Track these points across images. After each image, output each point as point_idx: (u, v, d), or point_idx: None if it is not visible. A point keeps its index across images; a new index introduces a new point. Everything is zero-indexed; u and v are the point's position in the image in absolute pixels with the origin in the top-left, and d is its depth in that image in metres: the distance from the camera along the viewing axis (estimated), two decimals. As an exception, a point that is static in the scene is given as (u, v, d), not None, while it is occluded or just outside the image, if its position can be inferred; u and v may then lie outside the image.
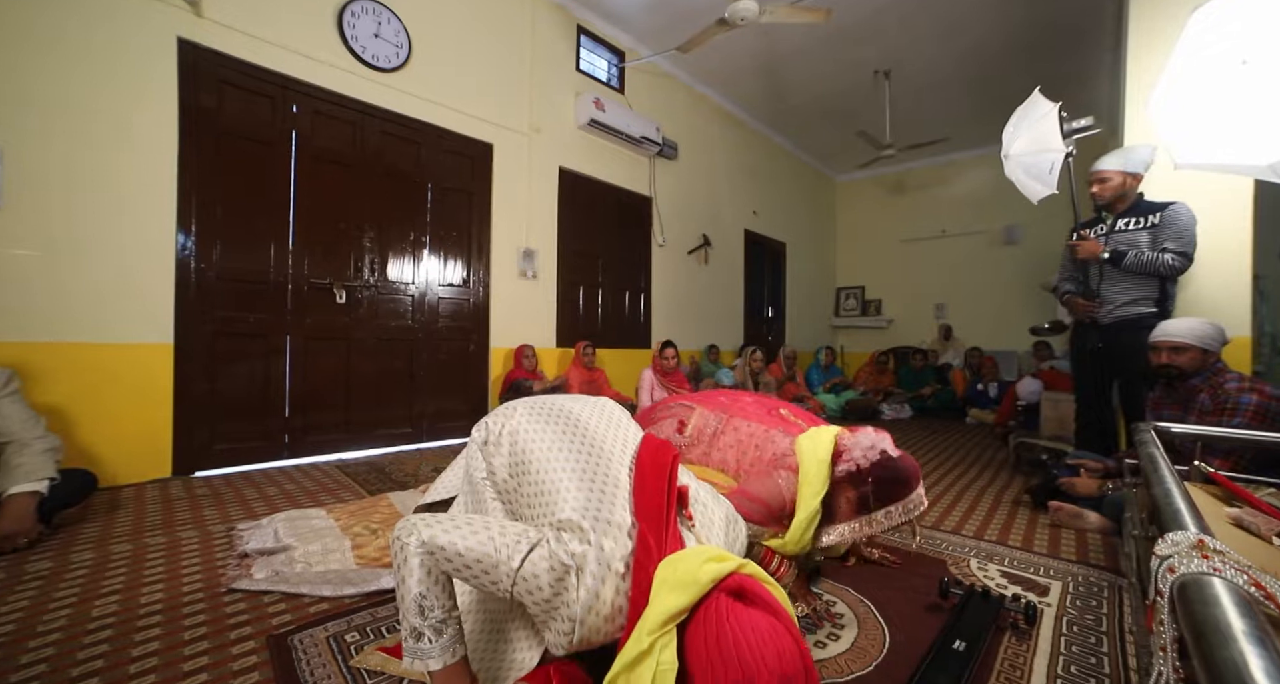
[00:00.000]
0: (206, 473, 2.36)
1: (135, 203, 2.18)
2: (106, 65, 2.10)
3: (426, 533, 0.77)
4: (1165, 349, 1.84)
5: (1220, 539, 0.74)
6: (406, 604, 0.78)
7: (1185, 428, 1.55)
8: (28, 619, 1.10)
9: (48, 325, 1.98)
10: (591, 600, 0.73)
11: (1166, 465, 0.97)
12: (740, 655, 0.65)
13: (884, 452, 1.18)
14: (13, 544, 1.41)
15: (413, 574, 0.78)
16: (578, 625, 0.73)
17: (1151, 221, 2.06)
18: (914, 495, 1.17)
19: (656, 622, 0.68)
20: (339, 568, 1.34)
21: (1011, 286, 6.08)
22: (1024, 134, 2.12)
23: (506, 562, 0.74)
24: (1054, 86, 4.73)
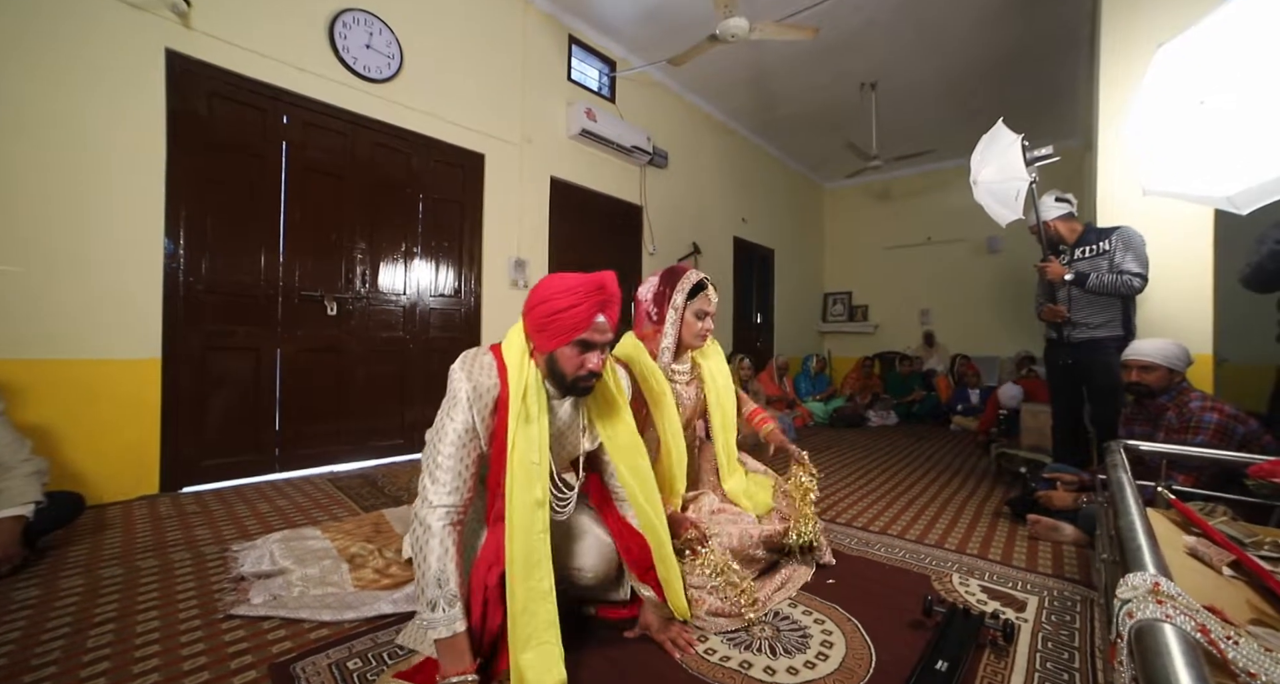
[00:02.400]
0: (195, 488, 2.34)
1: (122, 216, 2.15)
2: (94, 78, 2.07)
3: (429, 502, 0.97)
4: (1135, 367, 1.93)
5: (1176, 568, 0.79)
6: (428, 578, 0.93)
7: (1153, 446, 1.63)
8: (20, 652, 1.10)
9: (32, 342, 1.95)
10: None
11: (1133, 494, 1.03)
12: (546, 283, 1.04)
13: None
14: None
15: (434, 552, 0.94)
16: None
17: (1104, 247, 2.19)
18: (691, 270, 1.47)
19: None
20: (337, 591, 1.36)
21: (993, 295, 6.23)
22: (990, 162, 2.22)
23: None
24: (1036, 99, 4.91)
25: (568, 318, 1.01)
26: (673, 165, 4.86)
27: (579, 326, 1.01)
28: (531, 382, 1.04)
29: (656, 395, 1.40)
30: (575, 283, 1.03)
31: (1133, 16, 2.32)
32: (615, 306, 1.07)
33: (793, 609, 1.36)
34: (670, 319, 1.42)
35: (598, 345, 1.04)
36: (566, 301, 1.01)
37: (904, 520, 2.12)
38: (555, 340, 1.03)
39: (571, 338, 1.02)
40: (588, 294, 1.01)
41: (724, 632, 1.24)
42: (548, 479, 1.05)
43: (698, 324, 1.45)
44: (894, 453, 3.59)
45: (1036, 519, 1.94)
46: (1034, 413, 2.89)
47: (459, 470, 1.00)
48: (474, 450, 1.03)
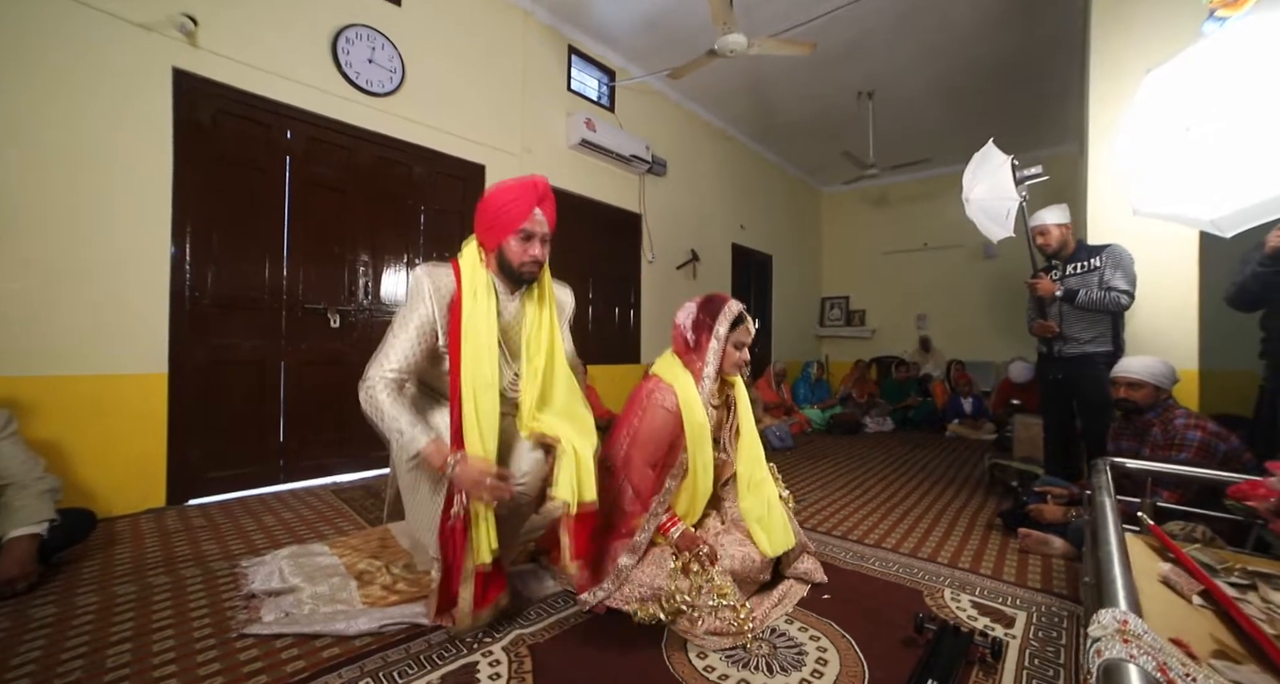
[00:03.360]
0: (201, 500, 2.37)
1: (130, 233, 2.18)
2: (103, 98, 2.10)
3: (376, 371, 1.24)
4: (1123, 384, 1.98)
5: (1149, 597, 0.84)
6: (389, 420, 1.20)
7: (1138, 464, 1.68)
8: (42, 672, 1.13)
9: (41, 359, 1.98)
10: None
11: (1114, 520, 1.07)
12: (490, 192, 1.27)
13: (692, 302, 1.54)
14: (12, 588, 1.43)
15: (385, 403, 1.21)
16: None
17: (1094, 264, 2.24)
18: (731, 301, 1.50)
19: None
20: (346, 608, 1.39)
21: (989, 300, 6.29)
22: (982, 181, 2.28)
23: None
24: (1032, 105, 4.96)
25: (510, 211, 1.25)
26: (671, 173, 4.90)
27: (520, 218, 1.25)
28: (482, 280, 1.29)
29: (697, 429, 1.42)
30: (513, 184, 1.28)
31: (1122, 41, 2.37)
32: (550, 203, 1.31)
33: (789, 626, 1.40)
34: (713, 349, 1.45)
35: (537, 235, 1.29)
36: (508, 198, 1.26)
37: (898, 533, 2.16)
38: (503, 233, 1.27)
39: (515, 228, 1.26)
40: (523, 192, 1.27)
41: (722, 649, 1.28)
42: (498, 360, 1.26)
43: (737, 354, 1.50)
44: (890, 461, 3.63)
45: (1027, 533, 1.99)
46: (1027, 424, 2.94)
47: (408, 354, 1.25)
48: (428, 342, 1.26)
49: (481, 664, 1.19)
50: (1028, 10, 3.61)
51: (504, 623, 1.36)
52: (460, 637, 1.27)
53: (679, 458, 1.45)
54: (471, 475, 1.16)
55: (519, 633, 1.32)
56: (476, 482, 1.15)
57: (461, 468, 1.16)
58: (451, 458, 1.17)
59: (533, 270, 1.31)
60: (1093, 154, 2.47)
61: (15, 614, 1.36)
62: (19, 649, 1.22)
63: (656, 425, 1.41)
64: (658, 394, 1.44)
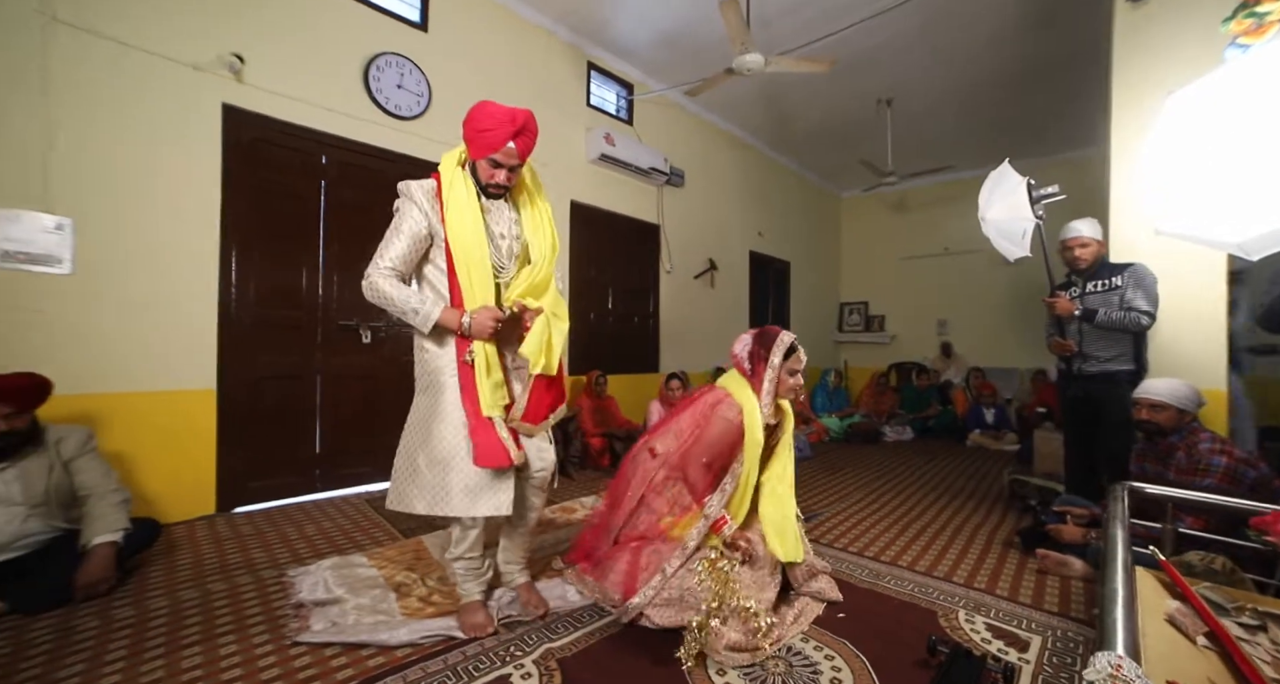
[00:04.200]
0: (246, 508, 2.52)
1: (184, 261, 2.34)
2: (161, 134, 2.27)
3: (373, 268, 1.37)
4: (1145, 406, 1.97)
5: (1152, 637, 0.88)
6: (399, 305, 1.35)
7: (1158, 490, 1.68)
8: (130, 669, 1.28)
9: (113, 378, 2.15)
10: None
11: (1123, 554, 1.10)
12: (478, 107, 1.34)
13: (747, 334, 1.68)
14: (96, 590, 1.59)
15: (391, 288, 1.35)
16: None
17: (1116, 283, 2.22)
18: (782, 333, 1.63)
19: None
20: (387, 619, 1.50)
21: (1011, 306, 6.18)
22: (998, 202, 2.28)
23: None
24: (1054, 111, 4.89)
25: (485, 138, 1.33)
26: (689, 183, 4.95)
27: (493, 147, 1.33)
28: (459, 176, 1.40)
29: (754, 447, 1.56)
30: (496, 112, 1.33)
31: (1144, 64, 2.35)
32: (527, 138, 1.37)
33: (804, 644, 1.45)
34: (769, 377, 1.59)
35: (505, 166, 1.38)
36: (486, 124, 1.32)
37: (914, 550, 2.19)
38: (476, 154, 1.38)
39: (486, 154, 1.35)
40: (501, 124, 1.32)
41: (740, 666, 1.34)
42: (484, 237, 1.38)
43: (790, 380, 1.63)
44: (908, 473, 3.63)
45: (1045, 554, 1.99)
46: (1048, 439, 2.92)
47: (401, 252, 1.37)
48: (421, 246, 1.39)
49: (514, 676, 1.28)
50: (1048, 17, 3.57)
51: (533, 637, 1.45)
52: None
53: (733, 466, 1.58)
54: (483, 321, 1.35)
55: (548, 647, 1.40)
56: (490, 324, 1.36)
57: (474, 319, 1.35)
58: (466, 316, 1.35)
59: (496, 191, 1.43)
60: (1115, 173, 2.45)
61: (101, 614, 1.52)
62: (109, 646, 1.37)
63: (719, 432, 1.55)
64: (724, 406, 1.58)
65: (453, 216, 1.36)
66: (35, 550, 1.61)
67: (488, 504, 1.38)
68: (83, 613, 1.53)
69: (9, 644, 1.38)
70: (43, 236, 1.98)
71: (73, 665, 1.29)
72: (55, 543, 1.64)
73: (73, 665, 1.29)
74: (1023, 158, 5.65)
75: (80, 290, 2.08)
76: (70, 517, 1.70)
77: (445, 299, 1.41)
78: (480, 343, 1.37)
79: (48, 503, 1.63)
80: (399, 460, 1.45)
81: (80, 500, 1.70)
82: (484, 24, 3.46)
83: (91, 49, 2.11)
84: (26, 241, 1.95)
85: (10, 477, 1.58)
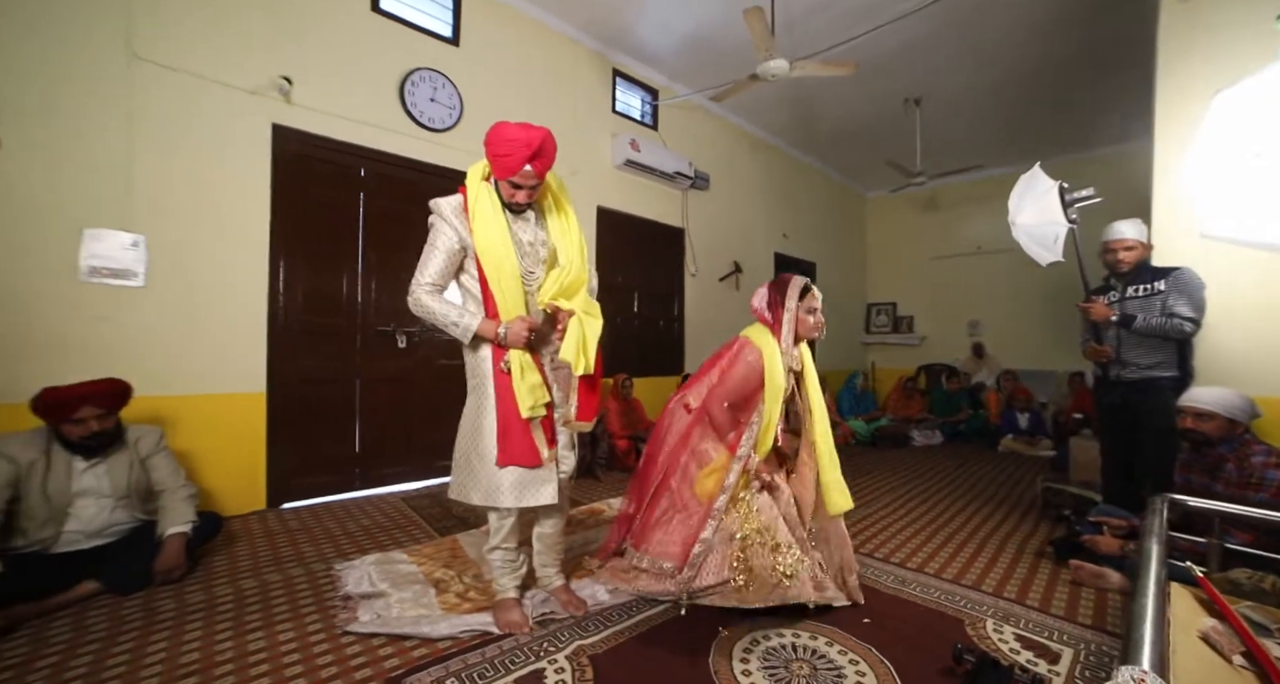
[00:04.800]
0: (293, 504, 2.68)
1: (238, 271, 2.51)
2: (219, 154, 2.44)
3: (416, 284, 1.46)
4: (1190, 414, 1.89)
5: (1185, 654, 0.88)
6: (441, 319, 1.44)
7: (1201, 503, 1.62)
8: (206, 649, 1.41)
9: (175, 381, 2.33)
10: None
11: (1157, 569, 1.09)
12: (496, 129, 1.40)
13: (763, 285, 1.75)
14: (171, 576, 1.75)
15: (433, 302, 1.45)
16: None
17: (1159, 287, 2.13)
18: (796, 276, 1.71)
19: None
20: (427, 613, 1.58)
21: (1048, 307, 5.96)
22: (1028, 206, 2.23)
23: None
24: (1093, 106, 4.71)
25: (503, 162, 1.39)
26: (714, 186, 4.96)
27: (511, 170, 1.39)
28: (485, 190, 1.47)
29: (775, 389, 1.62)
30: (513, 135, 1.37)
31: (1191, 62, 2.26)
32: (544, 160, 1.42)
33: (829, 648, 1.48)
34: (787, 319, 1.68)
35: (524, 187, 1.44)
36: (503, 150, 1.38)
37: (942, 557, 2.17)
38: (497, 174, 1.45)
39: (505, 177, 1.42)
40: (518, 148, 1.36)
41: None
42: (511, 246, 1.45)
43: (810, 319, 1.71)
44: (937, 479, 3.58)
45: (1080, 565, 1.95)
46: (1085, 447, 2.84)
47: (441, 267, 1.46)
48: (456, 259, 1.47)
49: (548, 670, 1.34)
50: (1089, 12, 3.45)
51: (565, 634, 1.51)
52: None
53: (756, 407, 1.65)
54: (518, 331, 1.44)
55: (579, 643, 1.47)
56: (523, 335, 1.44)
57: (509, 329, 1.43)
58: (501, 327, 1.43)
59: (518, 209, 1.51)
60: (1158, 174, 2.37)
61: (177, 598, 1.68)
62: (186, 627, 1.52)
63: (742, 374, 1.63)
64: (746, 350, 1.66)
65: (479, 229, 1.43)
66: (120, 538, 1.79)
67: (534, 496, 1.47)
68: (162, 596, 1.69)
69: (106, 620, 1.56)
70: (121, 252, 2.17)
71: (158, 642, 1.44)
72: (136, 532, 1.81)
73: (158, 642, 1.44)
74: (1057, 156, 5.47)
75: (151, 301, 2.26)
76: (147, 508, 1.87)
77: (482, 305, 1.49)
78: (516, 351, 1.45)
79: (130, 495, 1.81)
80: (457, 455, 1.55)
81: (155, 494, 1.86)
82: (512, 36, 3.56)
83: (164, 80, 2.30)
84: (109, 257, 2.14)
85: (101, 471, 1.76)
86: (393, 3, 3.06)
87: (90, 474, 1.74)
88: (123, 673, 1.31)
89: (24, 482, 1.62)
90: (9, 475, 1.59)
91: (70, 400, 1.67)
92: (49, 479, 1.66)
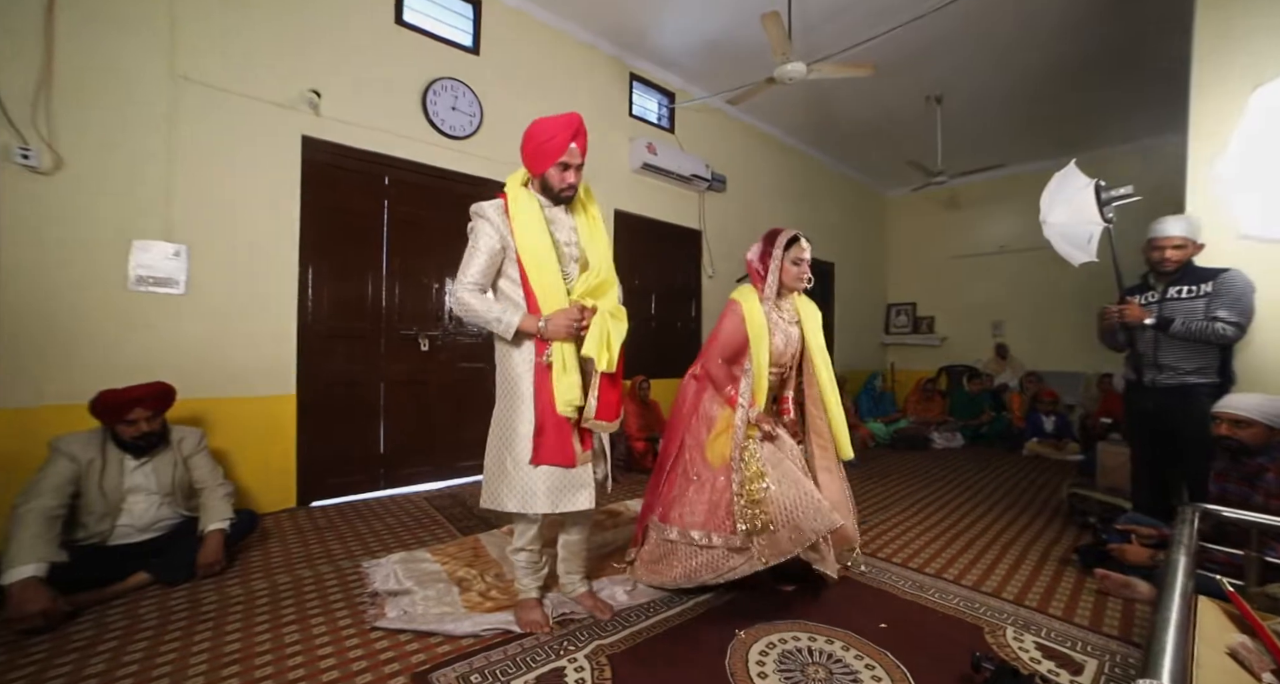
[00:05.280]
0: (321, 503, 2.78)
1: (270, 279, 2.61)
2: (253, 166, 2.54)
3: (458, 285, 1.49)
4: (1226, 421, 1.83)
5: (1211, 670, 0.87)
6: (484, 316, 1.47)
7: (1236, 514, 1.57)
8: (246, 639, 1.49)
9: (213, 384, 2.44)
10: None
11: (1183, 581, 1.07)
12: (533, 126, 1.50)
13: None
14: (212, 570, 1.85)
15: (475, 301, 1.47)
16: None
17: (1205, 289, 2.03)
18: (786, 229, 1.79)
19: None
20: (451, 611, 1.64)
21: (1077, 306, 5.80)
22: (1061, 205, 2.16)
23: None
24: (1118, 105, 4.58)
25: (549, 147, 1.47)
26: (731, 188, 4.96)
27: (559, 151, 1.47)
28: (524, 195, 1.53)
29: (758, 329, 1.71)
30: (552, 122, 1.49)
31: (1228, 57, 2.18)
32: (583, 136, 1.53)
33: (845, 653, 1.48)
34: (772, 268, 1.75)
35: (573, 166, 1.51)
36: (547, 135, 1.47)
37: (962, 562, 2.15)
38: (545, 164, 1.49)
39: (554, 161, 1.48)
40: (561, 130, 1.47)
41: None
42: (550, 245, 1.49)
43: (794, 269, 1.75)
44: (957, 482, 3.52)
45: (1105, 574, 1.91)
46: (1114, 452, 2.77)
47: (483, 267, 1.49)
48: (497, 259, 1.50)
49: (568, 669, 1.38)
50: (1121, 4, 3.35)
51: (584, 633, 1.55)
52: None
53: (747, 354, 1.73)
54: (559, 322, 1.46)
55: (599, 643, 1.50)
56: (566, 324, 1.46)
57: (550, 321, 1.46)
58: (541, 320, 1.46)
59: (569, 193, 1.55)
60: (1191, 173, 2.29)
61: (218, 591, 1.77)
62: (227, 619, 1.60)
63: (729, 328, 1.75)
64: (731, 307, 1.78)
65: (521, 228, 1.48)
66: (166, 533, 1.90)
67: (570, 501, 1.49)
68: (204, 588, 1.79)
69: (156, 610, 1.66)
70: (165, 262, 2.30)
71: (203, 632, 1.53)
72: (180, 527, 1.92)
73: (203, 632, 1.53)
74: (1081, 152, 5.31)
75: (191, 308, 2.38)
76: (190, 505, 1.98)
77: (521, 308, 1.52)
78: (558, 343, 1.47)
79: (174, 493, 1.92)
80: (488, 462, 1.57)
81: (196, 492, 1.97)
82: (531, 44, 3.62)
83: (202, 97, 2.41)
84: (154, 267, 2.27)
85: (149, 470, 1.87)
86: (415, 15, 3.14)
87: (140, 472, 1.85)
88: (174, 660, 1.40)
89: (83, 478, 1.74)
90: (71, 473, 1.71)
91: (124, 403, 1.79)
92: (105, 476, 1.77)
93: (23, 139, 2.01)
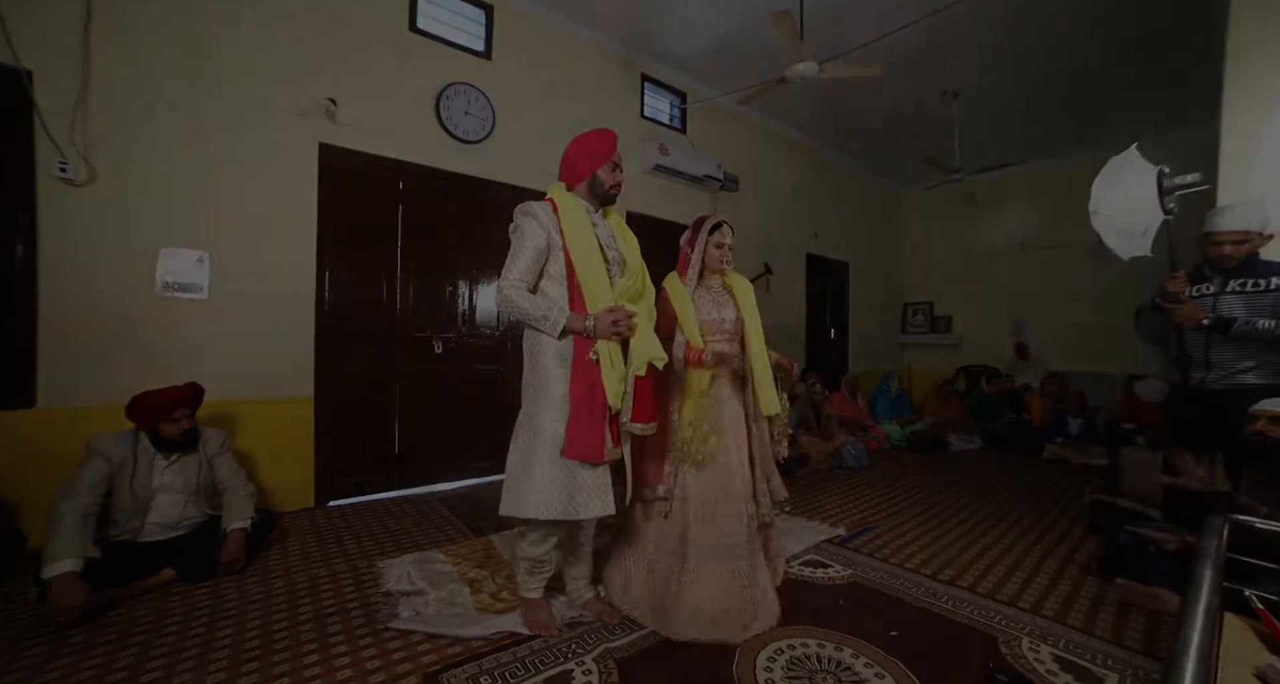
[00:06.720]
0: (338, 502, 2.84)
1: (289, 284, 2.67)
2: (272, 174, 2.61)
3: (505, 282, 1.50)
4: (1265, 417, 1.75)
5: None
6: (531, 313, 1.48)
7: (1270, 525, 1.51)
8: (264, 636, 1.54)
9: (234, 386, 2.50)
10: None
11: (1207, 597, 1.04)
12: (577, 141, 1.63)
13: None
14: (233, 568, 1.91)
15: (522, 299, 1.48)
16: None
17: (1273, 283, 1.84)
18: (711, 216, 1.89)
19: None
20: (462, 612, 1.66)
21: (1102, 304, 5.63)
22: (1115, 194, 1.98)
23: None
24: (1144, 97, 4.42)
25: (600, 149, 1.61)
26: (743, 188, 4.93)
27: (608, 154, 1.61)
28: (570, 198, 1.59)
29: (682, 301, 1.81)
30: (592, 134, 1.63)
31: (1262, 61, 2.09)
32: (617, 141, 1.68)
33: (855, 660, 1.47)
34: (697, 251, 1.88)
35: (619, 165, 1.65)
36: (593, 143, 1.62)
37: (977, 569, 2.11)
38: (596, 164, 1.60)
39: (604, 162, 1.60)
40: (603, 138, 1.63)
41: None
42: (597, 246, 1.54)
43: (716, 252, 1.87)
44: (974, 486, 3.45)
45: (1128, 584, 1.86)
46: (1137, 457, 2.69)
47: (526, 265, 1.51)
48: (541, 258, 1.52)
49: (576, 672, 1.39)
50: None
51: (592, 636, 1.56)
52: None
53: (679, 328, 1.81)
54: (606, 320, 1.48)
55: (606, 646, 1.51)
56: (613, 322, 1.49)
57: (597, 319, 1.49)
58: (589, 319, 1.49)
59: (617, 190, 1.66)
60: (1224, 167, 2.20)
61: (239, 589, 1.83)
62: (249, 617, 1.65)
63: (661, 309, 1.83)
64: (660, 294, 1.87)
65: (570, 228, 1.52)
66: (190, 531, 1.96)
67: (592, 507, 1.48)
68: (225, 586, 1.85)
69: (181, 605, 1.73)
70: (189, 268, 2.39)
71: (224, 628, 1.58)
72: (204, 526, 1.99)
73: (224, 628, 1.58)
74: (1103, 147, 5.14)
75: (213, 312, 2.45)
76: (213, 504, 2.04)
77: (565, 307, 1.53)
78: (604, 342, 1.49)
79: (199, 492, 1.99)
80: (510, 468, 1.55)
81: (219, 492, 2.03)
82: (542, 47, 3.64)
83: (225, 108, 2.49)
84: (180, 273, 2.37)
85: (176, 469, 1.95)
86: (429, 22, 3.18)
87: (168, 471, 1.92)
88: (197, 654, 1.45)
89: (116, 477, 1.82)
90: (105, 472, 1.79)
91: (171, 402, 1.90)
92: (135, 475, 1.85)
93: (61, 153, 2.10)
